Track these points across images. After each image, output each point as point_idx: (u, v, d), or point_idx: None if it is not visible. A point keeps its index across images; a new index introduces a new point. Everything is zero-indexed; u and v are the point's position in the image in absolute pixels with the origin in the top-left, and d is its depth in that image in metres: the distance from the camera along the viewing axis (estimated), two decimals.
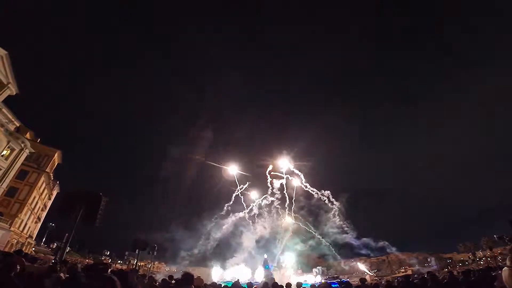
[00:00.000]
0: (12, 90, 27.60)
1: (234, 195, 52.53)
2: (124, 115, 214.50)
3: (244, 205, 52.42)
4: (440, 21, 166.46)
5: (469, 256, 67.04)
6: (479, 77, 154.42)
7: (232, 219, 52.28)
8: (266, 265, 38.71)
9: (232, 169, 50.96)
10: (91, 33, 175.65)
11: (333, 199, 50.97)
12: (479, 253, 66.74)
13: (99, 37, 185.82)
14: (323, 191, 51.00)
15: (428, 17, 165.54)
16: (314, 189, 50.87)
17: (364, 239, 52.24)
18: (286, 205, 52.18)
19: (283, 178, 51.66)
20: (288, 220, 53.02)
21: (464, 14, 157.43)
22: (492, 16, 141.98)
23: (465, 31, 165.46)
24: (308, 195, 51.69)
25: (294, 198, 51.63)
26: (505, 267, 1.67)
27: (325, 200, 50.84)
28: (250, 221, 52.16)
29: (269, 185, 52.20)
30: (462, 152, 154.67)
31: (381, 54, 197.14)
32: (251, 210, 52.38)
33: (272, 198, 52.39)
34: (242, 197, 52.34)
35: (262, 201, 52.51)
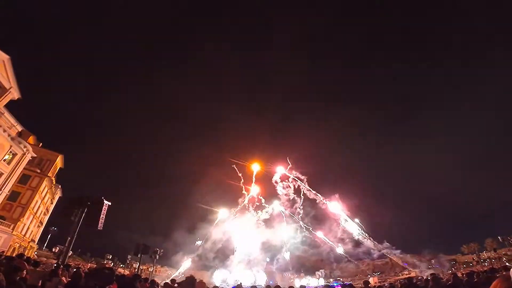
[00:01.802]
0: (14, 94, 27.71)
1: (240, 200, 52.61)
2: (126, 119, 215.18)
3: (249, 209, 52.40)
4: (440, 21, 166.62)
5: (473, 258, 66.51)
6: (480, 77, 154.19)
7: (235, 222, 52.18)
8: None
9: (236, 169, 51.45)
10: (94, 37, 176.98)
11: (336, 201, 50.84)
12: (483, 255, 66.19)
13: (102, 42, 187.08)
14: (328, 196, 51.13)
15: (429, 17, 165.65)
16: (319, 194, 50.97)
17: (367, 241, 51.94)
18: (291, 209, 52.19)
19: (289, 186, 51.96)
20: (293, 223, 52.87)
21: (465, 12, 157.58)
22: (493, 15, 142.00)
23: (466, 30, 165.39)
24: (312, 198, 51.67)
25: (300, 202, 51.69)
26: None
27: (327, 203, 50.76)
28: (254, 224, 52.01)
29: (278, 192, 52.41)
30: (465, 152, 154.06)
31: (381, 54, 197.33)
32: (256, 214, 52.32)
33: (279, 205, 52.49)
34: (247, 203, 52.44)
35: (267, 206, 52.55)
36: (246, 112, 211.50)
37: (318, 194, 50.88)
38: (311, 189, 51.20)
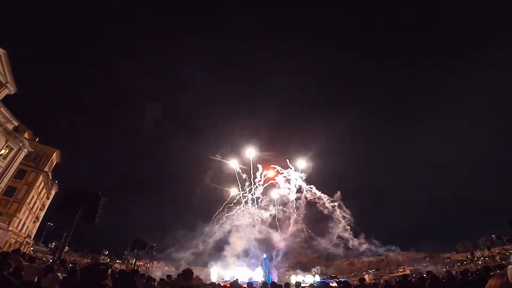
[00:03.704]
0: (10, 89, 27.46)
1: (239, 197, 52.55)
2: (124, 115, 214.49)
3: (245, 206, 52.43)
4: (440, 20, 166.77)
5: (467, 256, 67.24)
6: (480, 76, 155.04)
7: (232, 219, 52.24)
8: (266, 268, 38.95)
9: (234, 164, 51.27)
10: (92, 31, 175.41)
11: (334, 200, 51.11)
12: (478, 253, 66.96)
13: (100, 36, 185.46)
14: (329, 196, 51.34)
15: (429, 15, 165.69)
16: (323, 195, 51.18)
17: (363, 239, 52.36)
18: (290, 207, 52.34)
19: (288, 188, 52.01)
20: (290, 220, 53.06)
21: (465, 12, 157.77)
22: (493, 15, 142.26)
23: (465, 29, 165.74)
24: (311, 197, 51.83)
25: (299, 201, 51.86)
26: (511, 265, 1.66)
27: (325, 202, 51.02)
28: (251, 221, 52.10)
29: (277, 191, 52.44)
30: (461, 152, 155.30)
31: (382, 53, 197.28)
32: (257, 210, 52.36)
33: (277, 203, 52.57)
34: (243, 200, 52.40)
35: (267, 204, 52.60)
36: (246, 112, 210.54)
37: (322, 195, 51.13)
38: (310, 189, 51.37)
